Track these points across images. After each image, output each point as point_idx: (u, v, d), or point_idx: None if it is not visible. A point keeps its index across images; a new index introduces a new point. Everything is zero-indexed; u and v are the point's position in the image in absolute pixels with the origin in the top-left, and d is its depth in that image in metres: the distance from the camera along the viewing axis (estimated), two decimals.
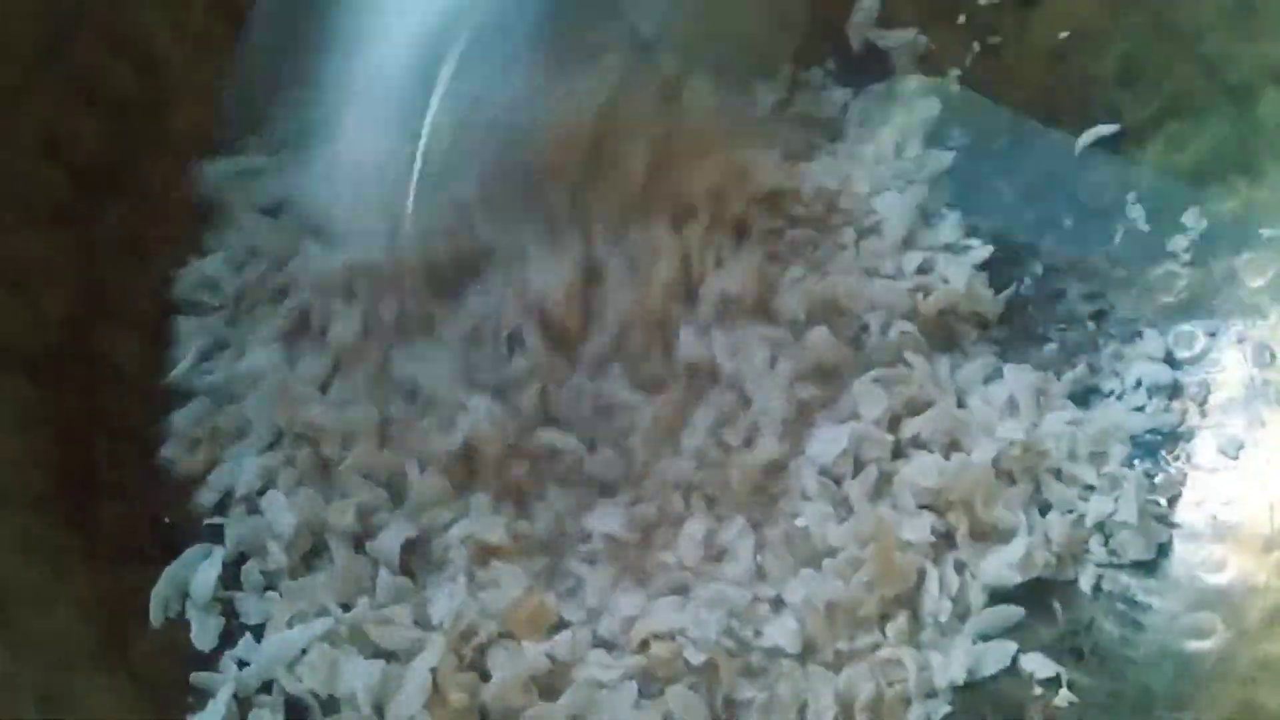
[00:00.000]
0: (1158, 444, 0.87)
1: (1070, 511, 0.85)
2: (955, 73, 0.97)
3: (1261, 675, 0.77)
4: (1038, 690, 0.82)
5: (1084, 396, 0.90)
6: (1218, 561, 0.82)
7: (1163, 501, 0.85)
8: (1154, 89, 0.90)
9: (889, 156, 0.96)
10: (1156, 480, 0.85)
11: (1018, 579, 0.83)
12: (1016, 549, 0.83)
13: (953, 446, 0.86)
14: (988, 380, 0.90)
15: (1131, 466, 0.86)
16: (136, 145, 0.86)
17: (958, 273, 0.90)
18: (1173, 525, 0.84)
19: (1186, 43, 0.88)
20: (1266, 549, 0.81)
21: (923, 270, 0.92)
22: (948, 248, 0.93)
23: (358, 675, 0.75)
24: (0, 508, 0.74)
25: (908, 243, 0.93)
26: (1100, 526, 0.84)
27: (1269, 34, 0.85)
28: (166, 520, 0.81)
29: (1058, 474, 0.86)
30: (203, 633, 0.78)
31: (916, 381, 0.87)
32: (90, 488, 0.79)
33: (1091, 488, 0.86)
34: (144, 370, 0.84)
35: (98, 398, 0.81)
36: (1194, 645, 0.80)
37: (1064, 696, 0.81)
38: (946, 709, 0.79)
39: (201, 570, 0.80)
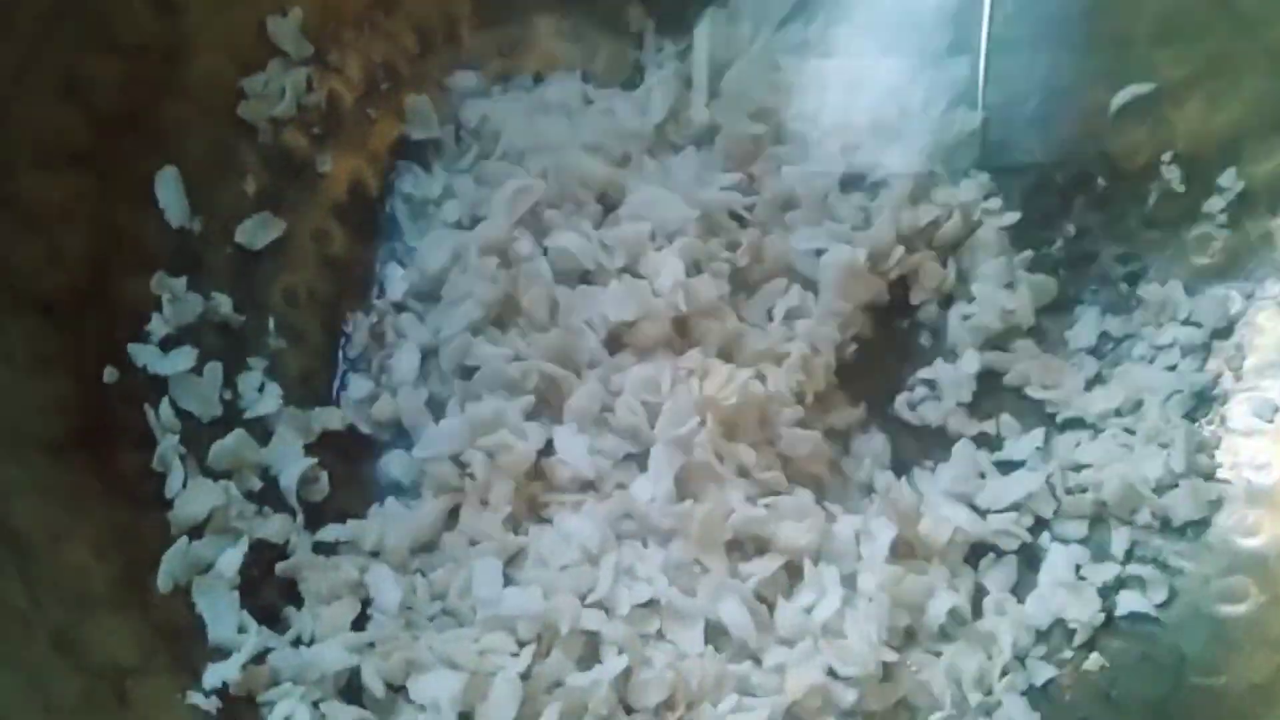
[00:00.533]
0: (1192, 407, 0.85)
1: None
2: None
3: None
4: (1068, 654, 0.81)
5: (1115, 358, 0.89)
6: (1252, 526, 0.81)
7: (1209, 459, 0.83)
8: (1191, 48, 0.88)
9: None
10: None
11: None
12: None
13: None
14: None
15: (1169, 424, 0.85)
16: (155, 90, 0.84)
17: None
18: (1223, 482, 0.83)
19: (1224, 1, 0.86)
20: None
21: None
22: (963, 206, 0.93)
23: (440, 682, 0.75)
24: (18, 449, 0.73)
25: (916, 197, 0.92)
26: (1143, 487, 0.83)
27: None
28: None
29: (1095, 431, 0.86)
30: (217, 620, 0.77)
31: None
32: (108, 432, 0.78)
33: (1129, 448, 0.84)
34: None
35: (116, 342, 0.80)
36: (1227, 609, 0.80)
37: (1094, 660, 0.80)
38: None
39: (227, 557, 0.79)
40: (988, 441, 0.90)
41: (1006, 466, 0.89)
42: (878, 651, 0.78)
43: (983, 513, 0.86)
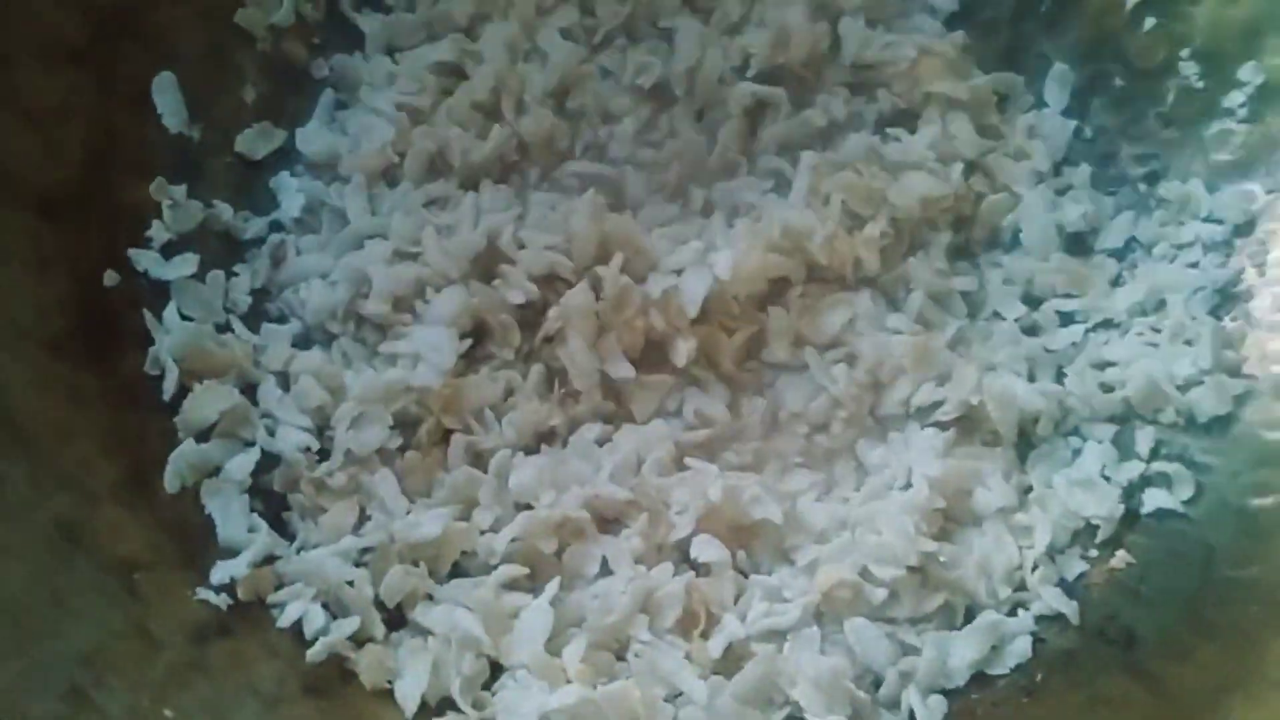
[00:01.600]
0: (1216, 304, 0.84)
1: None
2: None
3: None
4: (1093, 553, 0.80)
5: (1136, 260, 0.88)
6: (1279, 419, 0.79)
7: (1234, 354, 0.82)
8: None
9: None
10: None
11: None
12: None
13: None
14: None
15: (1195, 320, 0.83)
16: None
17: None
18: (1249, 377, 0.81)
19: None
20: None
21: None
22: None
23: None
24: (17, 342, 0.72)
25: None
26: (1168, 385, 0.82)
27: None
28: None
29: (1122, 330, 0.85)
30: (227, 522, 0.75)
31: None
32: (110, 334, 0.76)
33: (1155, 345, 0.83)
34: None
35: (117, 243, 0.79)
36: (1257, 502, 0.78)
37: (1121, 558, 0.79)
38: None
39: (238, 460, 0.77)
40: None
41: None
42: (916, 543, 0.77)
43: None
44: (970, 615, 0.78)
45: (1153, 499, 0.80)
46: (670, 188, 0.88)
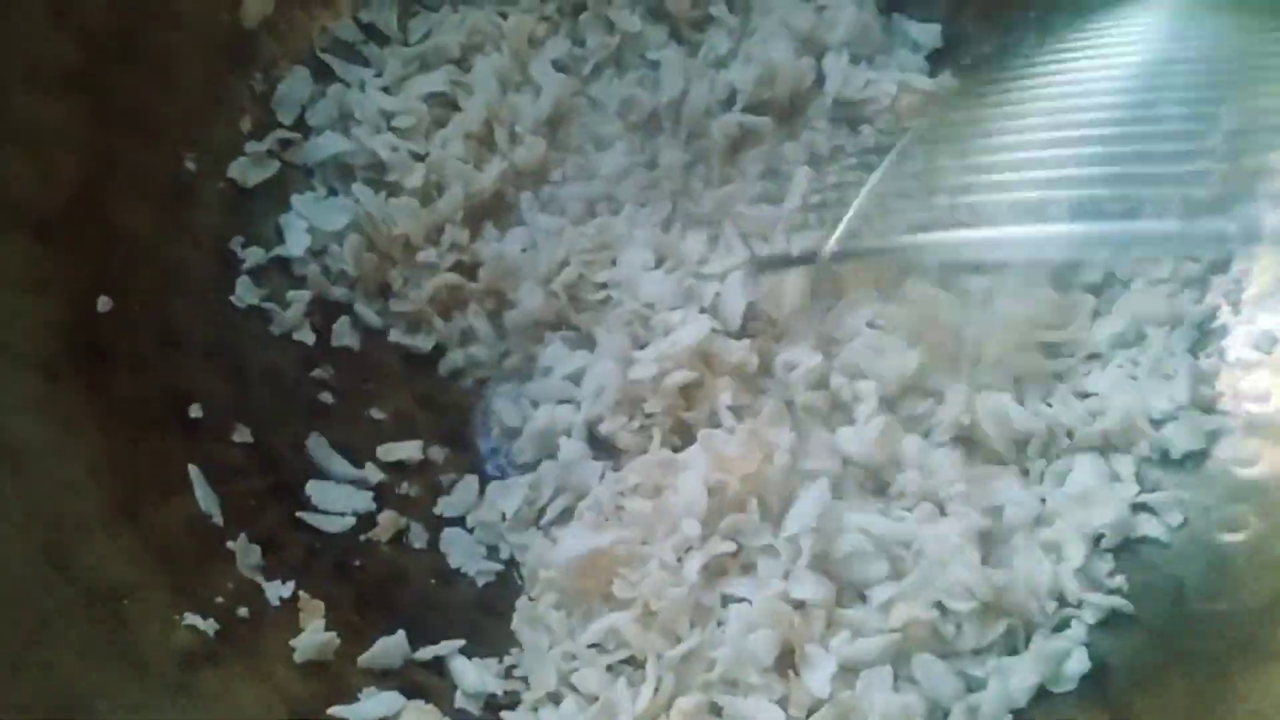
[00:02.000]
0: (1194, 339, 0.85)
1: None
2: None
3: None
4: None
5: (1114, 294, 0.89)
6: (1251, 456, 0.81)
7: (1210, 390, 0.83)
8: None
9: None
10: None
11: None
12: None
13: None
14: None
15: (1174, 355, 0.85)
16: (146, 18, 0.84)
17: None
18: (1222, 414, 0.83)
19: None
20: None
21: None
22: None
23: None
24: (12, 368, 0.72)
25: None
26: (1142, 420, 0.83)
27: None
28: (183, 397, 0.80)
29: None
30: None
31: None
32: (102, 357, 0.77)
33: (1134, 378, 0.85)
34: (156, 244, 0.83)
35: (110, 266, 0.79)
36: (1227, 538, 0.79)
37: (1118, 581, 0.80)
38: None
39: None
40: None
41: None
42: (986, 575, 0.78)
43: None
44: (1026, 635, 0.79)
45: (1143, 525, 0.82)
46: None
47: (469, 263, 0.89)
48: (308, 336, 0.87)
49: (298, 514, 0.81)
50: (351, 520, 0.82)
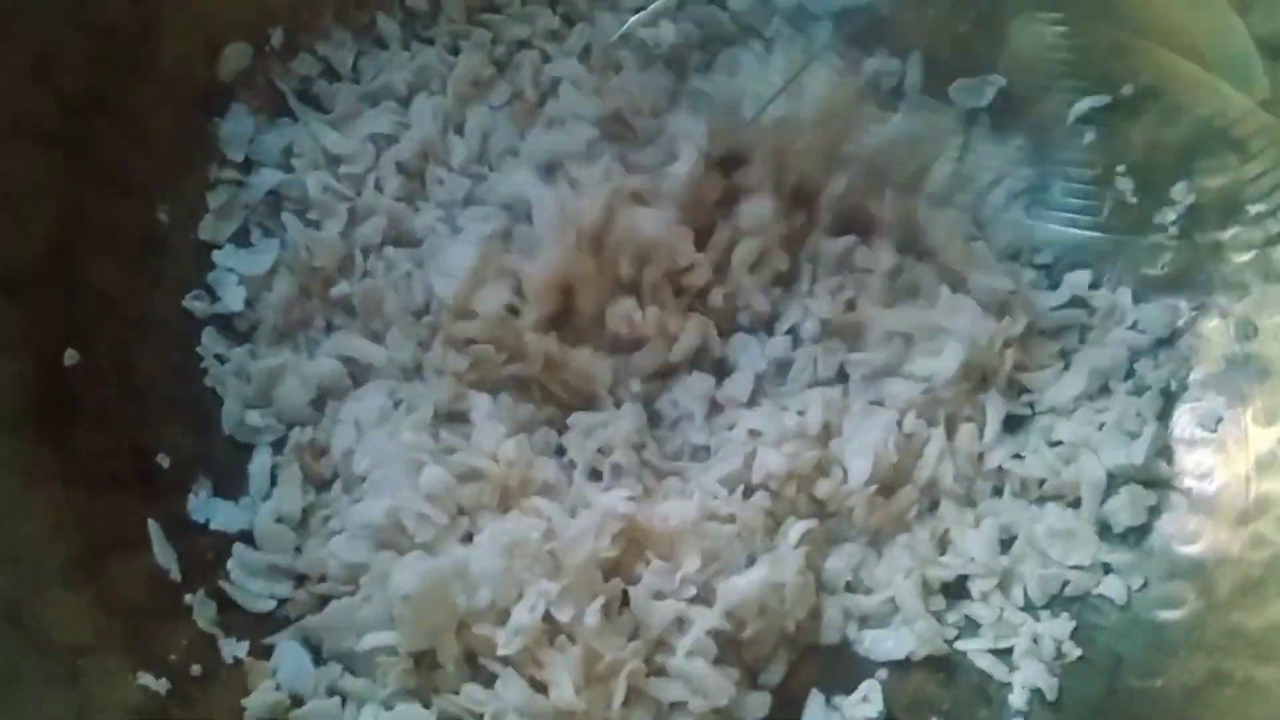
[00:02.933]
0: (1160, 406, 0.88)
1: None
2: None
3: (1230, 644, 0.78)
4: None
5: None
6: (1192, 533, 0.83)
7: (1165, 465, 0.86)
8: (1147, 64, 0.89)
9: None
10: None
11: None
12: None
13: None
14: None
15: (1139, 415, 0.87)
16: (124, 73, 0.85)
17: None
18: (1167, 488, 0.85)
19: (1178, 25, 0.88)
20: (1241, 521, 0.82)
21: None
22: None
23: None
24: None
25: None
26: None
27: (1261, 8, 0.84)
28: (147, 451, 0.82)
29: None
30: None
31: None
32: (68, 412, 0.79)
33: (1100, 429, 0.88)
34: (125, 298, 0.84)
35: (77, 322, 0.81)
36: (1165, 614, 0.81)
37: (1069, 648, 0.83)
38: None
39: None
40: None
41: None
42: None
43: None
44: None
45: (1108, 586, 0.84)
46: None
47: None
48: None
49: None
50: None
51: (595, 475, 0.84)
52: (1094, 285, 0.91)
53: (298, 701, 0.77)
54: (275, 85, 0.92)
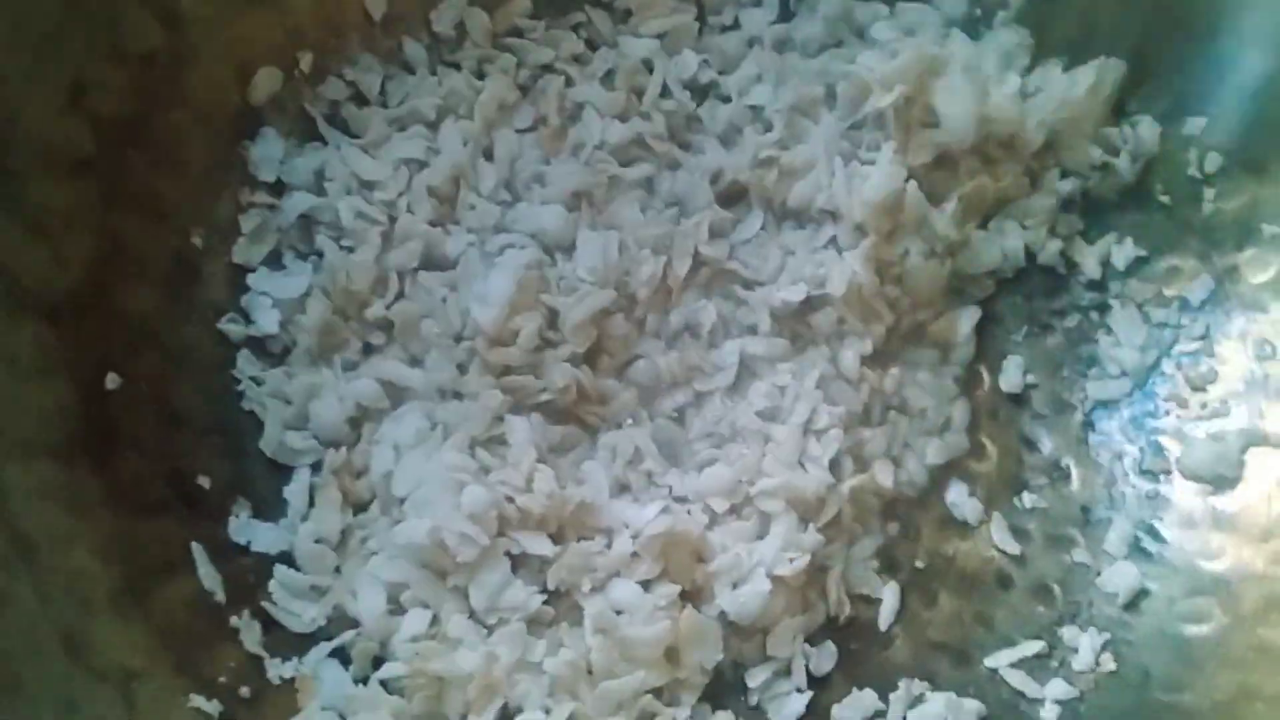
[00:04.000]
0: (1159, 430, 0.89)
1: None
2: None
3: (1257, 659, 0.80)
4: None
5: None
6: (1215, 549, 0.85)
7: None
8: (1166, 85, 0.91)
9: None
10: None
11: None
12: None
13: None
14: None
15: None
16: (157, 100, 0.86)
17: None
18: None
19: (1199, 45, 0.90)
20: (1263, 538, 0.83)
21: None
22: None
23: None
24: (24, 454, 0.74)
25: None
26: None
27: None
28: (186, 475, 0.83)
29: None
30: None
31: None
32: (109, 438, 0.79)
33: None
34: (162, 322, 0.85)
35: (116, 349, 0.81)
36: (1191, 630, 0.83)
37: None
38: None
39: None
40: None
41: None
42: None
43: None
44: None
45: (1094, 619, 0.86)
46: None
47: None
48: None
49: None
50: None
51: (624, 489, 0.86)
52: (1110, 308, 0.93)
53: None
54: (305, 110, 0.93)
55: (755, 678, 0.83)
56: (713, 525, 0.84)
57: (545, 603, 0.81)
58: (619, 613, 0.80)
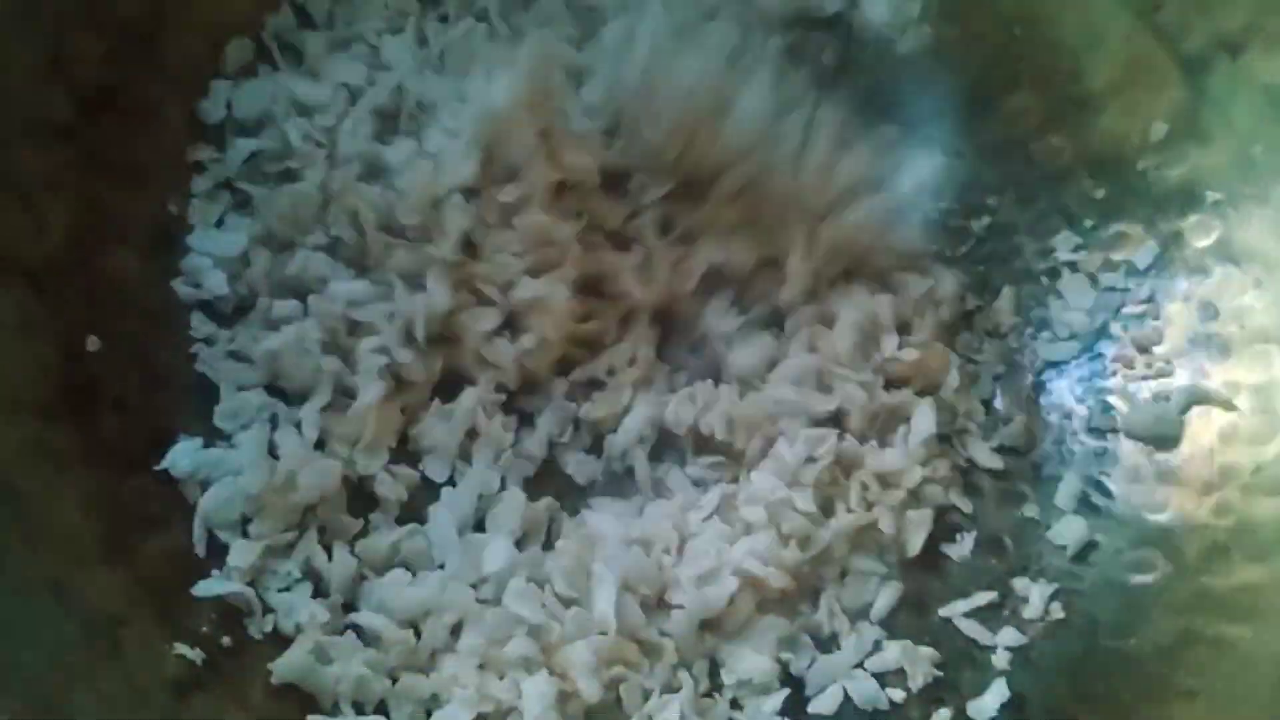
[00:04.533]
0: (1107, 390, 0.93)
1: None
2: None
3: (1199, 605, 0.83)
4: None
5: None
6: (1160, 502, 0.88)
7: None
8: (1113, 57, 0.94)
9: None
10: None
11: None
12: None
13: None
14: None
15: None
16: (136, 67, 0.88)
17: None
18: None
19: (1144, 14, 0.93)
20: (1205, 491, 0.86)
21: None
22: None
23: None
24: (9, 411, 0.76)
25: None
26: None
27: (1222, 5, 0.90)
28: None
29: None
30: None
31: None
32: (91, 398, 0.81)
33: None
34: (142, 286, 0.86)
35: (97, 311, 0.83)
36: (1137, 579, 0.86)
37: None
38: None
39: None
40: None
41: None
42: None
43: None
44: None
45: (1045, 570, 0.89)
46: None
47: None
48: None
49: None
50: None
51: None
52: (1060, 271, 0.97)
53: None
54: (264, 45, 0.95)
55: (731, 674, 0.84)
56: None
57: None
58: None
